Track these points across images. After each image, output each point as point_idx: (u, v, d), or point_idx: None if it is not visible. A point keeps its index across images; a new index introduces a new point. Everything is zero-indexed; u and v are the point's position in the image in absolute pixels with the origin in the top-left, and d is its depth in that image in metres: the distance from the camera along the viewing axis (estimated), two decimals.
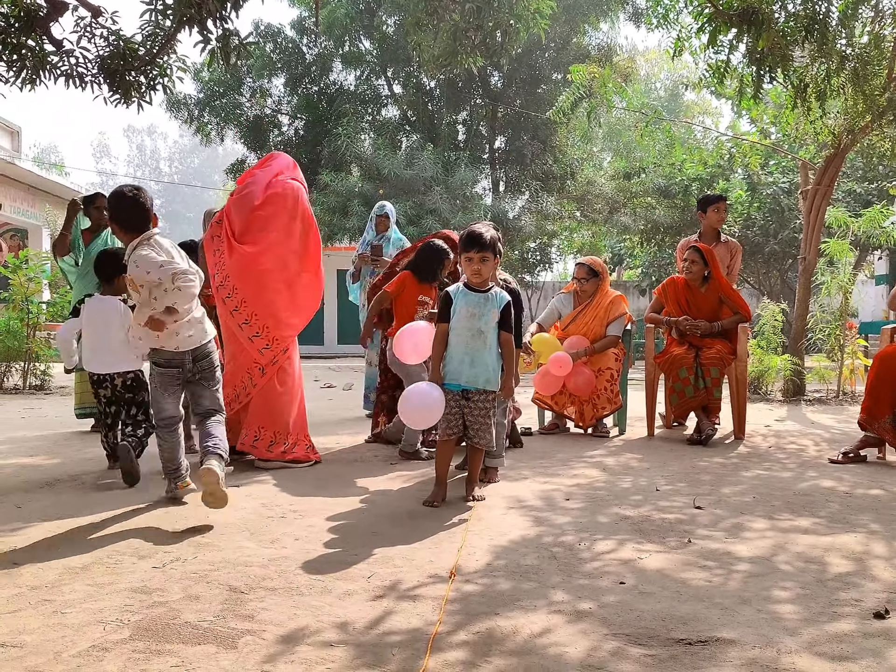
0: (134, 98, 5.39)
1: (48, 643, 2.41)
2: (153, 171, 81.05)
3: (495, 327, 4.28)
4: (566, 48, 20.63)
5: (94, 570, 3.10)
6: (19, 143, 25.23)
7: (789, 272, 20.55)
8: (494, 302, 4.28)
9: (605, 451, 6.00)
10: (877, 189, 17.28)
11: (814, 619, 2.60)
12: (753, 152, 14.21)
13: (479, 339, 4.23)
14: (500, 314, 4.28)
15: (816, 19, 6.68)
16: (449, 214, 17.18)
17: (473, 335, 4.22)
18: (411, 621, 2.59)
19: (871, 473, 5.10)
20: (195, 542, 3.51)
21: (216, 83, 20.00)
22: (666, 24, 8.30)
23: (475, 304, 4.25)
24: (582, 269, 6.88)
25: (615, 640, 2.44)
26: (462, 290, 4.33)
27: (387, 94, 22.22)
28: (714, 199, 7.37)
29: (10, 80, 5.16)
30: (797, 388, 9.79)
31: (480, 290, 4.31)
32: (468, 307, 4.25)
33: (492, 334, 4.26)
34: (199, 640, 2.42)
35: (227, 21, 5.16)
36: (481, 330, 4.23)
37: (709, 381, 6.27)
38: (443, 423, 4.30)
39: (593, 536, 3.58)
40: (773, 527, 3.77)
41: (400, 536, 3.60)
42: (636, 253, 24.02)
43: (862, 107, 8.42)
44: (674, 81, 39.00)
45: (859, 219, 10.83)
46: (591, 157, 26.03)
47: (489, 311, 4.26)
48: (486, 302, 4.27)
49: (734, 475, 5.03)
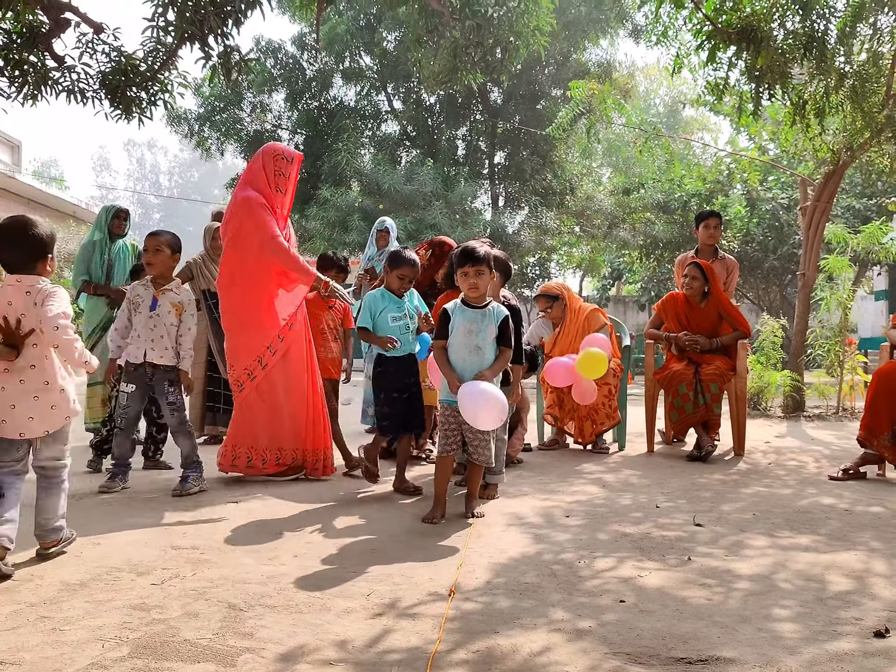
0: (135, 113, 5.41)
1: (47, 661, 2.40)
2: (153, 184, 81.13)
3: (493, 343, 4.28)
4: (566, 65, 20.71)
5: (92, 587, 3.09)
6: (19, 157, 25.33)
7: (789, 288, 20.58)
8: (492, 317, 4.29)
9: (604, 467, 5.99)
10: (875, 205, 17.31)
11: (814, 638, 2.60)
12: (752, 168, 14.28)
13: (476, 355, 4.24)
14: (499, 329, 4.28)
15: (815, 37, 6.72)
16: (448, 229, 17.18)
17: (471, 351, 4.23)
18: (410, 640, 2.58)
19: (871, 491, 5.09)
20: (194, 558, 3.50)
21: (217, 98, 20.06)
22: (665, 42, 8.32)
23: (472, 321, 4.26)
24: (541, 301, 7.02)
25: (615, 658, 2.43)
26: (459, 306, 4.33)
27: (387, 109, 22.28)
28: (704, 217, 7.32)
29: (11, 96, 5.18)
30: (797, 404, 9.78)
31: (478, 305, 4.31)
32: (465, 323, 4.26)
33: (490, 350, 4.27)
34: (197, 658, 2.41)
35: (227, 37, 5.20)
36: (479, 346, 4.24)
37: (708, 397, 6.26)
38: (441, 440, 4.30)
39: (593, 554, 3.57)
40: (773, 544, 3.76)
41: (399, 554, 3.59)
42: (635, 268, 24.03)
43: (860, 123, 8.44)
44: (673, 98, 39.14)
45: (858, 235, 10.86)
46: (591, 172, 26.05)
47: (486, 326, 4.26)
48: (484, 318, 4.28)
49: (734, 492, 5.02)
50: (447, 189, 18.39)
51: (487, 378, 4.18)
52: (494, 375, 4.25)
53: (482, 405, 4.05)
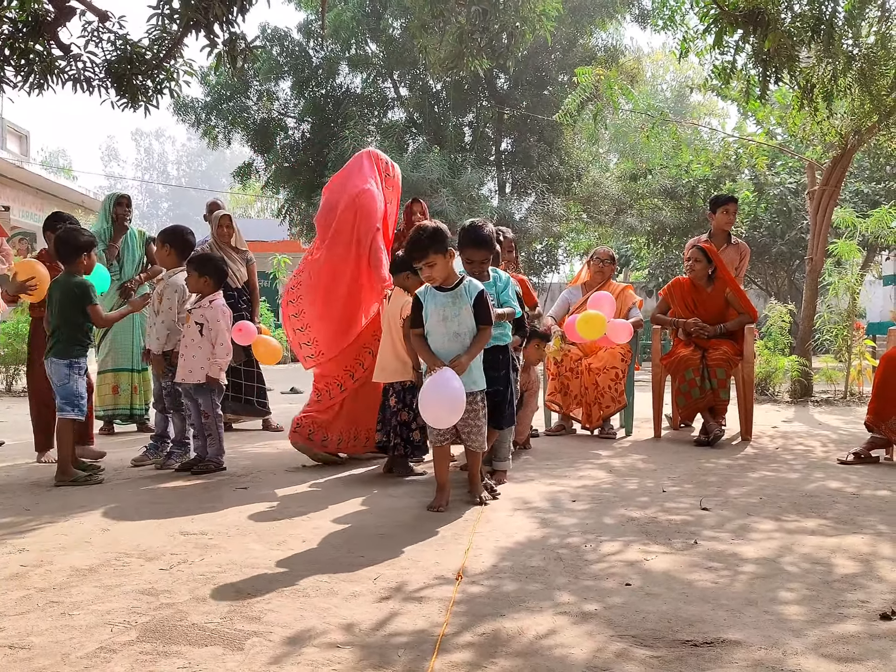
0: (141, 102, 5.40)
1: (56, 645, 2.42)
2: (161, 174, 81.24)
3: (473, 326, 4.08)
4: (572, 50, 20.58)
5: (101, 572, 3.12)
6: (27, 147, 25.34)
7: (797, 273, 20.48)
8: (465, 297, 4.06)
9: (611, 452, 6.00)
10: (884, 189, 17.22)
11: (820, 621, 2.60)
12: (760, 153, 14.18)
13: (456, 341, 4.05)
14: (474, 307, 4.06)
15: (823, 20, 6.66)
16: (455, 216, 17.14)
17: (450, 339, 4.05)
18: (417, 623, 2.59)
19: (878, 474, 5.09)
20: (202, 543, 3.52)
21: (223, 86, 20.01)
22: (672, 26, 8.27)
23: (444, 305, 4.06)
24: (606, 253, 7.15)
25: (621, 641, 2.44)
26: (430, 290, 4.14)
27: (393, 96, 22.19)
28: (724, 201, 7.33)
29: (18, 85, 5.18)
30: (804, 389, 9.76)
31: (448, 287, 4.10)
32: (438, 309, 4.07)
33: (469, 334, 4.07)
34: (206, 642, 2.43)
35: (233, 25, 5.17)
36: (457, 332, 4.05)
37: (715, 382, 6.26)
38: (432, 431, 4.17)
39: (599, 538, 3.58)
40: (779, 528, 3.77)
41: (406, 538, 3.60)
42: (643, 254, 23.98)
43: (869, 107, 8.39)
44: (680, 83, 38.89)
45: (867, 219, 10.80)
46: (598, 158, 25.96)
47: (461, 308, 4.05)
48: (456, 300, 4.06)
49: (741, 476, 5.02)
50: (454, 176, 18.33)
51: (463, 364, 3.96)
52: (472, 359, 4.04)
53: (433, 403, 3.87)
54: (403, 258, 5.26)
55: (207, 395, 5.22)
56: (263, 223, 32.42)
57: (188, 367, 5.18)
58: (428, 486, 4.66)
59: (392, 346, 5.04)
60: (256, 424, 7.37)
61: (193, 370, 5.17)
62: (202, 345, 5.17)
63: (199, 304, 5.24)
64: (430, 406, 3.89)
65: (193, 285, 5.26)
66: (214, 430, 5.24)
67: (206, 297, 5.25)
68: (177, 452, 5.46)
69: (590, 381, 6.58)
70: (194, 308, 5.24)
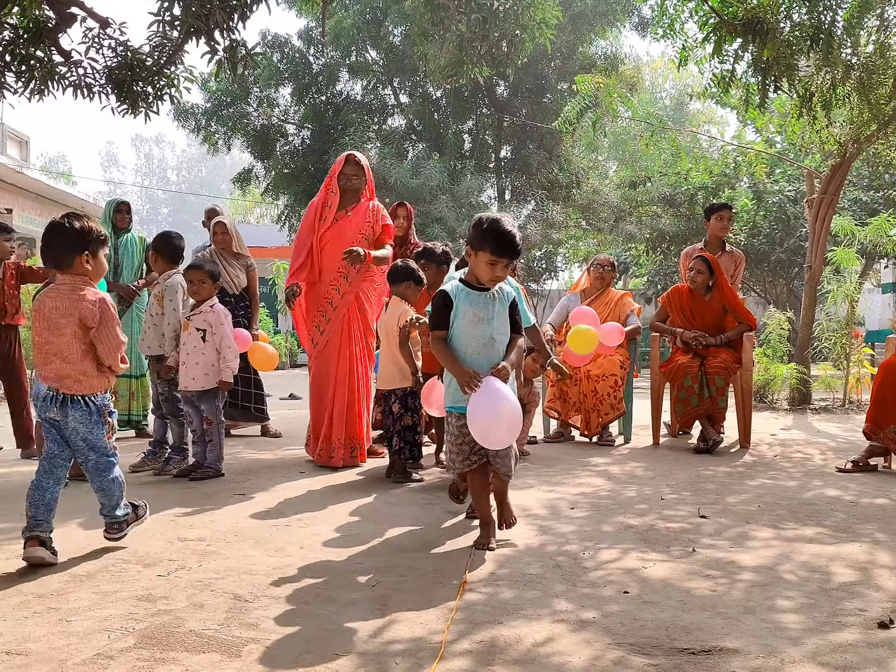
0: (141, 108, 5.42)
1: (53, 651, 2.42)
2: (161, 180, 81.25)
3: (508, 332, 3.57)
4: (572, 58, 20.65)
5: (99, 578, 3.11)
6: (28, 153, 25.35)
7: (795, 281, 20.48)
8: (502, 301, 3.57)
9: (610, 459, 5.99)
10: (883, 198, 17.24)
11: (817, 629, 2.60)
12: (759, 161, 14.19)
13: (491, 349, 3.50)
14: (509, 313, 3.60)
15: (822, 29, 6.68)
16: (455, 223, 17.18)
17: (485, 344, 3.49)
18: (415, 630, 2.59)
19: (876, 483, 5.09)
20: (200, 550, 3.52)
21: (223, 93, 20.06)
22: (671, 34, 8.29)
23: (480, 306, 3.51)
24: (606, 260, 7.22)
25: (618, 649, 2.44)
26: (462, 288, 3.56)
27: (393, 103, 22.26)
28: (717, 208, 7.38)
29: (18, 91, 5.20)
30: (803, 397, 9.76)
31: (483, 287, 3.55)
32: (472, 309, 3.50)
33: (503, 342, 3.55)
34: (203, 648, 2.43)
35: (234, 32, 5.19)
36: (493, 338, 3.50)
37: (714, 389, 6.26)
38: (457, 456, 3.58)
39: (597, 545, 3.58)
40: (777, 536, 3.77)
41: (404, 545, 3.60)
42: (642, 261, 23.98)
43: (867, 115, 8.40)
44: (679, 91, 38.99)
45: (865, 227, 10.81)
46: (597, 166, 25.97)
47: (497, 312, 3.52)
48: (493, 301, 3.53)
49: (739, 484, 5.02)
50: (453, 183, 18.37)
51: (508, 372, 3.44)
52: (514, 368, 3.55)
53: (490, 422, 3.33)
54: (405, 267, 5.26)
55: (211, 402, 5.22)
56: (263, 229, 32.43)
57: (191, 374, 5.18)
58: (426, 493, 4.67)
59: (391, 354, 5.05)
60: (255, 430, 7.37)
61: (196, 377, 5.17)
62: (205, 351, 5.18)
63: (200, 309, 5.25)
64: (488, 426, 3.34)
65: (210, 291, 5.28)
66: (216, 437, 5.23)
67: (206, 302, 5.26)
68: (175, 458, 5.46)
69: (589, 388, 6.59)
70: (193, 314, 5.24)
